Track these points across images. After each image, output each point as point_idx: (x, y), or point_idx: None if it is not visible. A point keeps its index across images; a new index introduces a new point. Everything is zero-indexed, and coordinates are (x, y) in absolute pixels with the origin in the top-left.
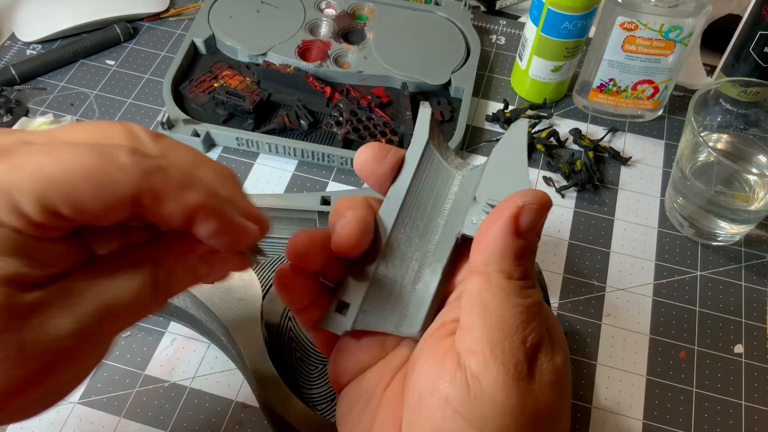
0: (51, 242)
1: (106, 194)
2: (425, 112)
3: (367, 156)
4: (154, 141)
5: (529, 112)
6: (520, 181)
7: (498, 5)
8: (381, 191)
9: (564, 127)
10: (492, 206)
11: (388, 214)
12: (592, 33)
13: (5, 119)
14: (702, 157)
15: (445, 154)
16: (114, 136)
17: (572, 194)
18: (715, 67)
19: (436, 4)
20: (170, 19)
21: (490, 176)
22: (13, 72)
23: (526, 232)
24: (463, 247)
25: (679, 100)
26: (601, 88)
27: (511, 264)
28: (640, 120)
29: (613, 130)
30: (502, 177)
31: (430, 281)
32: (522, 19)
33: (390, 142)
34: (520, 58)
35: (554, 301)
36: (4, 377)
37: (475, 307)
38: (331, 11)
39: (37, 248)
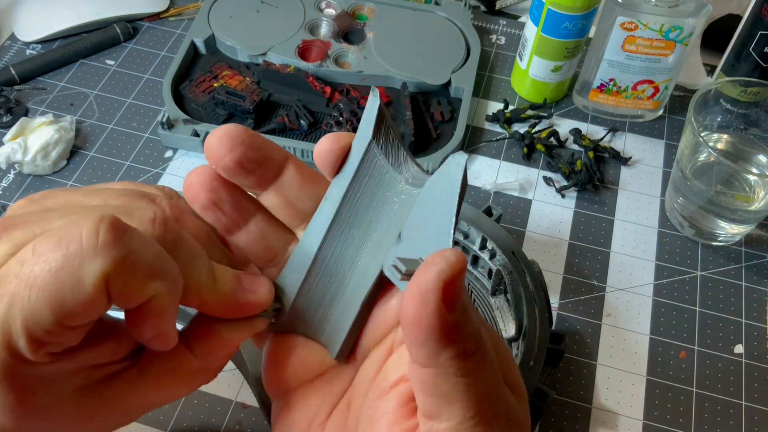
0: (56, 361)
1: (79, 296)
2: (373, 101)
3: (321, 147)
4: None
5: (529, 112)
6: (442, 234)
7: (498, 5)
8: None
9: (564, 127)
10: (401, 271)
11: (322, 216)
12: (592, 33)
13: (5, 119)
14: (702, 157)
15: (395, 155)
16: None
17: (572, 194)
18: (716, 67)
19: (436, 4)
20: (170, 19)
21: (418, 215)
22: (13, 72)
23: (457, 302)
24: (387, 280)
25: (680, 100)
26: (601, 88)
27: (462, 343)
28: (640, 120)
29: (613, 130)
30: (427, 223)
31: (351, 308)
32: (522, 19)
33: None
34: (520, 58)
35: (554, 301)
36: None
37: (437, 399)
38: (331, 11)
39: (60, 364)
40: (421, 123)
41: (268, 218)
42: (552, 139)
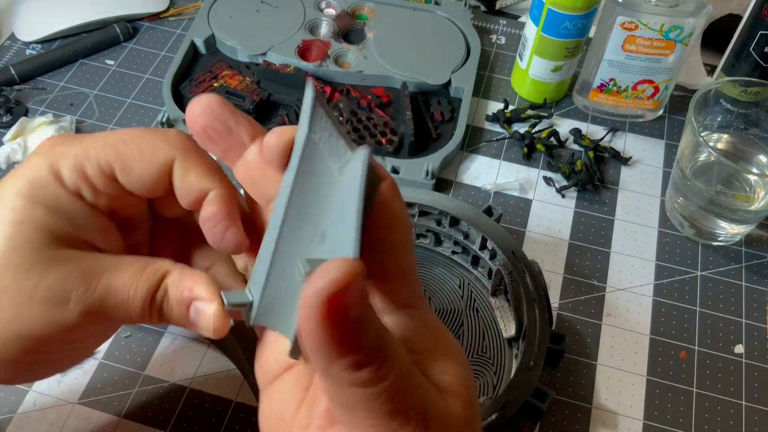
0: (96, 212)
1: (148, 160)
2: (308, 94)
3: (266, 142)
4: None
5: (529, 112)
6: (346, 239)
7: (498, 5)
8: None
9: (564, 127)
10: (303, 273)
11: (277, 211)
12: (592, 33)
13: (5, 119)
14: (702, 157)
15: (334, 147)
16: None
17: (572, 194)
18: (716, 67)
19: (436, 3)
20: (170, 18)
21: (336, 213)
22: (13, 72)
23: (346, 315)
24: None
25: (680, 100)
26: (602, 87)
27: (351, 356)
28: (641, 120)
29: (614, 130)
30: (340, 223)
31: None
32: (522, 19)
33: (390, 142)
34: (521, 58)
35: (554, 302)
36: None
37: (340, 408)
38: (331, 11)
39: (84, 213)
40: (421, 123)
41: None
42: (552, 139)
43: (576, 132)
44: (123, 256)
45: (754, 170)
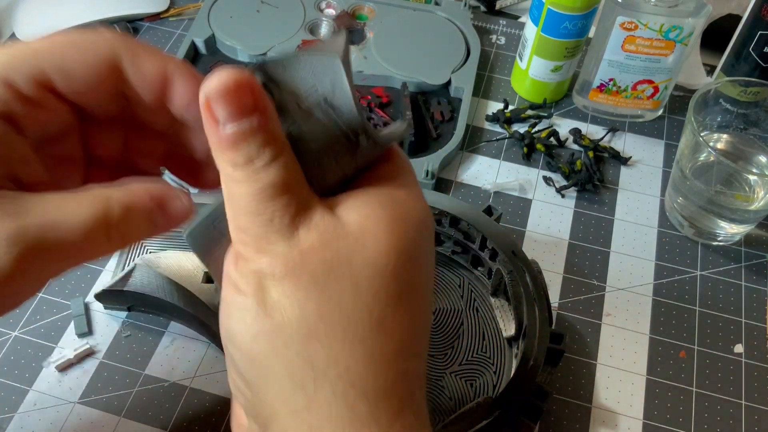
0: (21, 138)
1: (90, 55)
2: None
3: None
4: None
5: (529, 112)
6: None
7: (498, 5)
8: None
9: (564, 127)
10: None
11: None
12: (592, 33)
13: None
14: (702, 157)
15: None
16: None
17: (572, 194)
18: (715, 67)
19: (436, 4)
20: (170, 19)
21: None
22: None
23: (228, 122)
24: None
25: (679, 100)
26: (601, 88)
27: (227, 154)
28: (640, 120)
29: (613, 130)
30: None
31: None
32: (522, 19)
33: None
34: (520, 58)
35: (554, 301)
36: None
37: (226, 199)
38: (331, 11)
39: (8, 141)
40: (421, 123)
41: None
42: (552, 139)
43: (576, 132)
44: (56, 192)
45: (754, 170)
